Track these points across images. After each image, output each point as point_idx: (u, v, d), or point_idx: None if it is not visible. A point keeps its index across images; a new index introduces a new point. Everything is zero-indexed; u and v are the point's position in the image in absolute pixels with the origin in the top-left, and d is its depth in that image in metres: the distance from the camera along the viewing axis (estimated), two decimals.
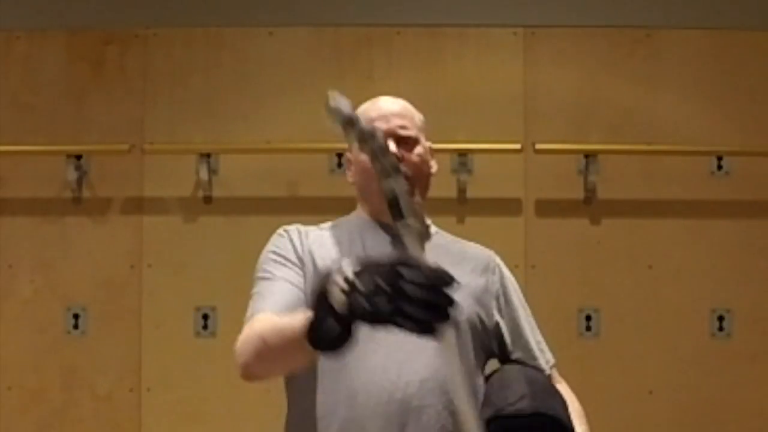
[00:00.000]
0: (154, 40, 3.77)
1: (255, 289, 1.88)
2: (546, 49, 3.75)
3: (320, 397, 1.81)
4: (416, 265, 1.29)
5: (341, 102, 1.47)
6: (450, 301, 1.28)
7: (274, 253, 1.90)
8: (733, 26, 3.73)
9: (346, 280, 1.33)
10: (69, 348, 3.70)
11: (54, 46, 3.77)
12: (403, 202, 1.47)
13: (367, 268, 1.32)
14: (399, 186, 1.48)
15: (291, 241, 1.91)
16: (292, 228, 1.95)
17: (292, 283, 1.84)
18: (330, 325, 1.36)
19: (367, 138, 1.48)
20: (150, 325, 3.68)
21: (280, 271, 1.86)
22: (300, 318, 1.47)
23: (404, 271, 1.28)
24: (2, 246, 3.72)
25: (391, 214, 1.48)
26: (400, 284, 1.27)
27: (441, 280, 1.28)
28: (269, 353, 1.66)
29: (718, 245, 3.68)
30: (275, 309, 1.77)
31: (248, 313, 1.83)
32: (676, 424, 3.63)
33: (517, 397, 1.80)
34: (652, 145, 3.68)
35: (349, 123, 1.47)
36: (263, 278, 1.88)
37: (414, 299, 1.26)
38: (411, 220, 1.47)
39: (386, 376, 1.79)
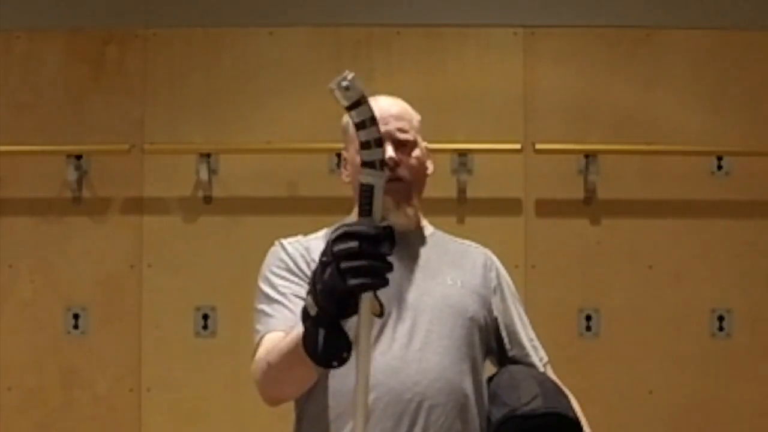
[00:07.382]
0: (154, 40, 3.77)
1: (259, 306, 1.88)
2: (546, 49, 3.75)
3: (330, 400, 1.82)
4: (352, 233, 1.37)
5: (356, 81, 1.39)
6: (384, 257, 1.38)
7: (275, 266, 1.90)
8: (733, 26, 3.73)
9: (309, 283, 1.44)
10: (69, 348, 3.70)
11: (54, 46, 3.77)
12: (377, 202, 1.42)
13: (318, 267, 1.42)
14: (378, 183, 1.42)
15: (288, 253, 1.91)
16: (287, 241, 1.94)
17: (296, 296, 1.83)
18: (313, 333, 1.46)
19: (368, 124, 1.41)
20: (150, 325, 3.68)
21: (281, 286, 1.86)
22: (294, 336, 1.57)
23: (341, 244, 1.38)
24: (2, 246, 3.72)
25: (360, 207, 1.43)
26: (334, 251, 1.37)
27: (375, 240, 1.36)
28: (276, 375, 1.72)
29: (718, 245, 3.68)
30: (281, 327, 1.79)
31: (257, 329, 1.85)
32: (676, 424, 3.63)
33: (530, 397, 1.83)
34: (652, 145, 3.68)
35: (360, 102, 1.39)
36: (266, 295, 1.87)
37: (355, 255, 1.36)
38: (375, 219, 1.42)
39: (395, 376, 1.79)
